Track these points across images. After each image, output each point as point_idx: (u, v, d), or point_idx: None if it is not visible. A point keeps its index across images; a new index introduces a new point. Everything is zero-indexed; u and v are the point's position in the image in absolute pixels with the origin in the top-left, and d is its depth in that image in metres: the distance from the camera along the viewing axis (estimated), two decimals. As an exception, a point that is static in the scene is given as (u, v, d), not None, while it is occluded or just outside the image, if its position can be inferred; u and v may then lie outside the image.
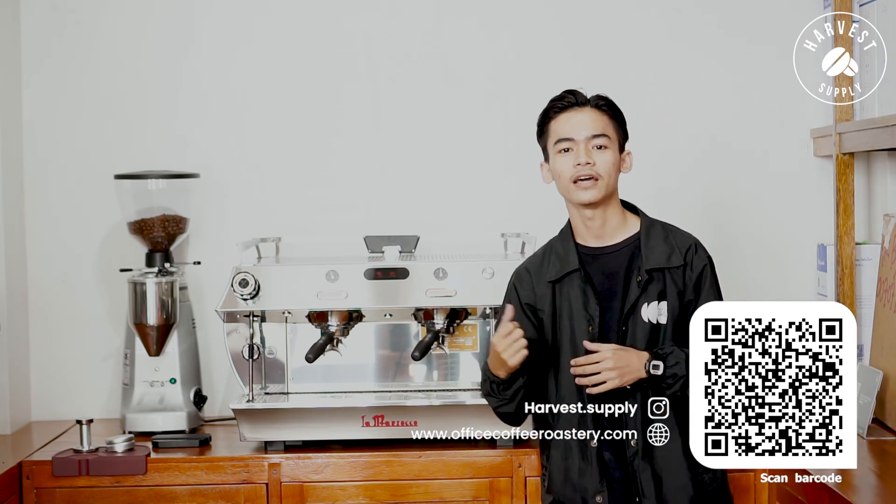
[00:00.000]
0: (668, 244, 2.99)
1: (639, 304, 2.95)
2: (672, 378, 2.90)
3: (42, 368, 3.87)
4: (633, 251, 3.00)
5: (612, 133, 2.99)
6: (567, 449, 2.99)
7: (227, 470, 3.32)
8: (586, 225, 3.02)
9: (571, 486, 2.99)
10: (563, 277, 3.01)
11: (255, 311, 3.44)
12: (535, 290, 3.05)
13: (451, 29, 3.90)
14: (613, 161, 2.98)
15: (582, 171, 2.96)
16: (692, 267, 2.98)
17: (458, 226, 3.89)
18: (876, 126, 3.39)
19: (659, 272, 2.97)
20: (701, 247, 3.02)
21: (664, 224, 3.04)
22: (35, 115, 3.87)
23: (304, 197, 3.90)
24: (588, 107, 3.00)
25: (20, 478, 3.31)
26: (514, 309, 2.94)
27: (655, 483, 2.94)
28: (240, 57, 3.90)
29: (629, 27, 3.89)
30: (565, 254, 3.03)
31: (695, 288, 2.97)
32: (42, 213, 3.87)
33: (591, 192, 2.97)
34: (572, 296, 2.99)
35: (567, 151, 2.99)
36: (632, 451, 2.95)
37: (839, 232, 3.63)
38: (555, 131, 3.01)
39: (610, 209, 3.01)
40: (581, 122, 2.98)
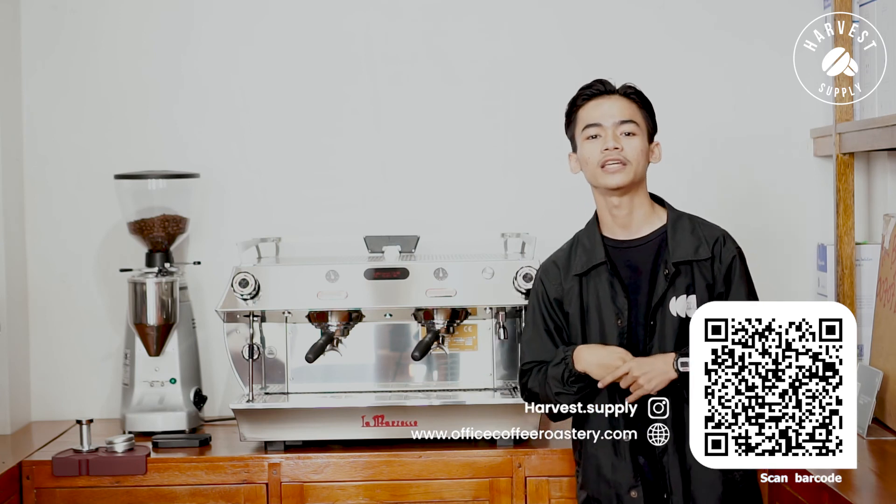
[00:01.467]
0: (695, 236, 2.97)
1: (667, 298, 2.94)
2: None
3: (42, 368, 3.87)
4: (659, 244, 2.98)
5: (640, 121, 2.99)
6: (600, 446, 2.98)
7: (227, 470, 3.32)
8: (613, 214, 3.00)
9: (605, 482, 2.98)
10: (589, 270, 3.00)
11: (255, 311, 3.44)
12: (562, 285, 3.04)
13: (450, 29, 3.90)
14: (642, 148, 2.98)
15: (610, 156, 2.95)
16: (721, 259, 2.96)
17: (458, 226, 3.89)
18: (876, 126, 3.39)
19: (686, 265, 2.95)
20: (730, 238, 3.00)
21: (692, 217, 3.02)
22: (35, 115, 3.87)
23: (304, 197, 3.90)
24: (616, 95, 3.00)
25: (20, 478, 3.31)
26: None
27: (684, 480, 2.93)
28: (240, 57, 3.90)
29: (629, 27, 3.89)
30: (592, 246, 3.02)
31: (725, 280, 2.95)
32: (42, 213, 3.87)
33: (618, 177, 2.95)
34: (600, 289, 2.98)
35: (595, 138, 2.98)
36: (660, 449, 2.94)
37: (839, 232, 3.63)
38: (583, 118, 3.00)
39: (637, 198, 3.00)
40: (609, 109, 2.98)
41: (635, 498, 2.94)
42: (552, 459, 3.32)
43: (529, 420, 3.36)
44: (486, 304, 3.45)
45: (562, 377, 2.97)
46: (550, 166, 3.90)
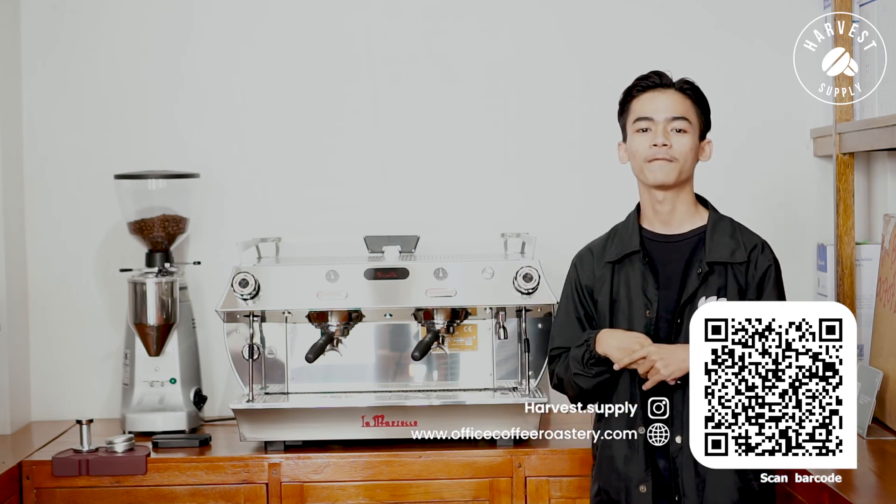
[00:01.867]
0: (733, 240, 2.95)
1: (697, 297, 2.92)
2: None
3: (42, 368, 3.87)
4: (696, 243, 2.97)
5: (693, 118, 2.96)
6: (615, 436, 2.97)
7: (227, 470, 3.32)
8: (655, 209, 2.99)
9: (616, 474, 2.97)
10: (623, 258, 2.98)
11: (255, 311, 3.43)
12: (594, 272, 3.02)
13: (451, 29, 3.90)
14: (691, 146, 2.95)
15: (658, 152, 2.93)
16: (756, 265, 2.94)
17: (458, 226, 3.89)
18: (876, 126, 3.39)
19: (721, 266, 2.93)
20: (768, 247, 2.98)
21: (733, 221, 3.01)
22: (35, 115, 3.87)
23: (304, 197, 3.90)
24: (672, 89, 2.97)
25: (20, 478, 3.31)
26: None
27: (697, 483, 2.90)
28: (240, 57, 3.90)
29: (629, 27, 3.89)
30: (628, 236, 3.00)
31: (757, 287, 2.93)
32: (42, 214, 3.87)
33: (663, 173, 2.93)
34: (631, 278, 2.96)
35: (645, 131, 2.95)
36: (675, 448, 2.92)
37: (839, 232, 3.63)
38: (635, 110, 2.98)
39: (682, 196, 2.98)
40: (662, 104, 2.95)
41: (644, 493, 2.92)
42: (552, 459, 3.32)
43: (529, 420, 3.36)
44: (486, 304, 3.45)
45: (582, 358, 2.96)
46: (550, 166, 3.90)
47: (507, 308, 3.44)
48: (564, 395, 3.76)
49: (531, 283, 3.37)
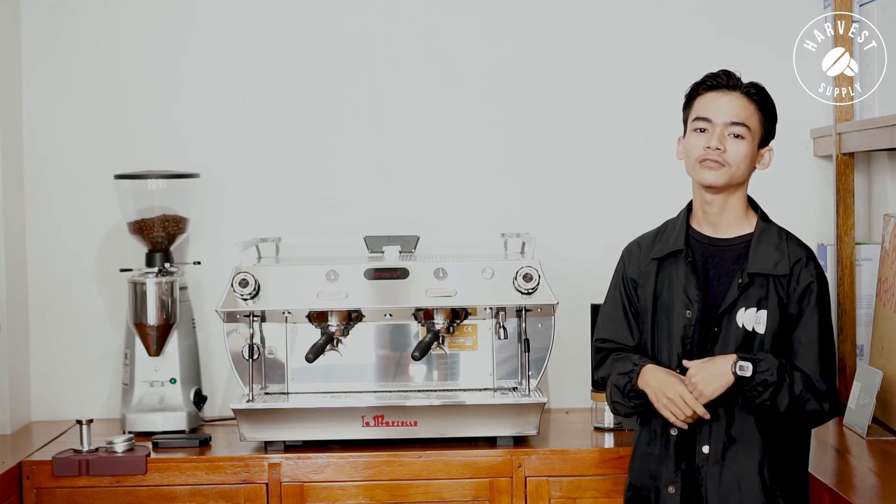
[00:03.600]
0: (779, 251, 2.87)
1: (736, 308, 2.85)
2: (762, 385, 2.76)
3: (42, 368, 3.87)
4: (742, 251, 2.90)
5: (753, 124, 2.89)
6: (652, 435, 2.94)
7: (227, 470, 3.32)
8: (704, 209, 2.93)
9: (648, 472, 2.93)
10: (667, 256, 2.94)
11: (255, 311, 3.43)
12: (640, 267, 2.99)
13: (451, 29, 3.90)
14: (746, 153, 2.88)
15: (710, 155, 2.86)
16: (798, 280, 2.85)
17: (458, 226, 3.89)
18: (876, 126, 3.39)
19: (762, 278, 2.85)
20: (813, 260, 2.89)
21: (781, 230, 2.93)
22: (35, 114, 3.87)
23: (304, 197, 3.90)
24: (737, 92, 2.91)
25: (20, 478, 3.31)
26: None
27: (721, 495, 2.84)
28: (240, 57, 3.90)
29: (629, 27, 3.89)
30: (675, 234, 2.96)
31: (798, 302, 2.85)
32: (42, 213, 3.87)
33: (713, 175, 2.87)
34: (674, 276, 2.92)
35: (703, 132, 2.89)
36: (701, 458, 2.86)
37: (839, 232, 3.63)
38: (697, 108, 2.92)
39: (732, 200, 2.91)
40: (724, 106, 2.89)
41: (672, 494, 2.87)
42: (552, 459, 3.32)
43: (529, 420, 3.36)
44: (486, 304, 3.45)
45: (623, 389, 2.92)
46: (551, 166, 3.90)
47: (507, 308, 3.44)
48: (566, 395, 3.78)
49: (531, 283, 3.37)
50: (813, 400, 2.81)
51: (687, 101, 2.97)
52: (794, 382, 2.79)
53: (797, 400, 2.79)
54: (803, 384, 2.80)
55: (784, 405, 2.78)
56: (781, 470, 2.85)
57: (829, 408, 2.83)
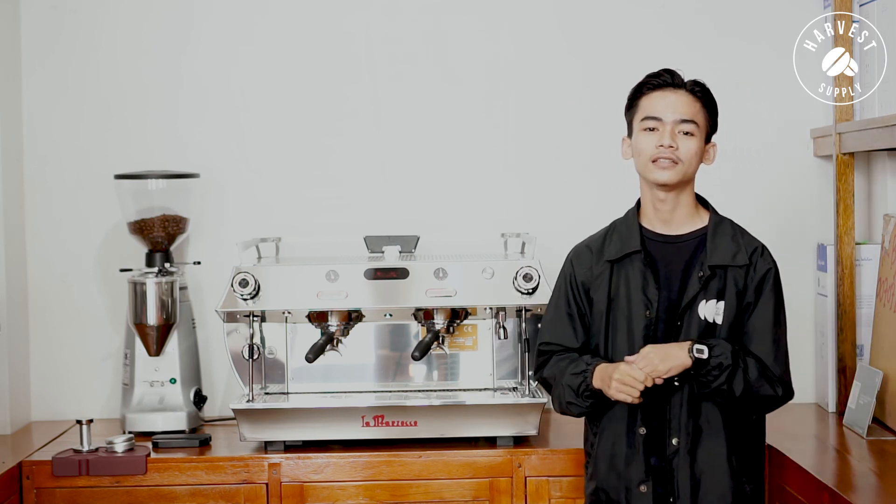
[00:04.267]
0: (735, 242, 2.93)
1: (697, 301, 2.90)
2: (717, 369, 2.82)
3: (42, 368, 3.87)
4: (697, 245, 2.95)
5: (700, 121, 2.94)
6: (616, 436, 2.95)
7: (227, 470, 3.32)
8: (656, 207, 2.97)
9: (616, 474, 2.95)
10: (622, 258, 2.96)
11: (255, 311, 3.43)
12: (592, 269, 3.00)
13: (451, 29, 3.90)
14: (696, 149, 2.93)
15: (663, 153, 2.90)
16: (756, 268, 2.92)
17: (458, 226, 3.89)
18: (876, 126, 3.39)
19: (721, 270, 2.91)
20: (767, 251, 2.96)
21: (733, 223, 2.99)
22: (35, 115, 3.87)
23: (304, 197, 3.90)
24: (683, 90, 2.95)
25: (20, 478, 3.31)
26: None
27: (693, 485, 2.89)
28: (240, 57, 3.90)
29: (629, 27, 3.89)
30: (628, 234, 2.98)
31: (755, 291, 2.91)
32: (42, 213, 3.87)
33: (667, 173, 2.91)
34: (631, 277, 2.94)
35: (652, 131, 2.93)
36: (671, 450, 2.90)
37: (839, 232, 3.63)
38: (644, 108, 2.95)
39: (683, 196, 2.96)
40: (672, 104, 2.93)
41: (644, 493, 2.91)
42: (552, 459, 3.32)
43: (529, 420, 3.36)
44: (486, 304, 3.45)
45: (577, 388, 2.94)
46: (551, 166, 3.90)
47: (507, 308, 3.44)
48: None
49: (531, 283, 3.37)
50: (767, 385, 2.88)
51: (630, 103, 3.00)
52: (748, 368, 2.86)
53: (752, 385, 2.86)
54: (758, 370, 2.87)
55: (739, 389, 2.85)
56: (745, 455, 2.93)
57: (783, 393, 2.92)
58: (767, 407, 2.94)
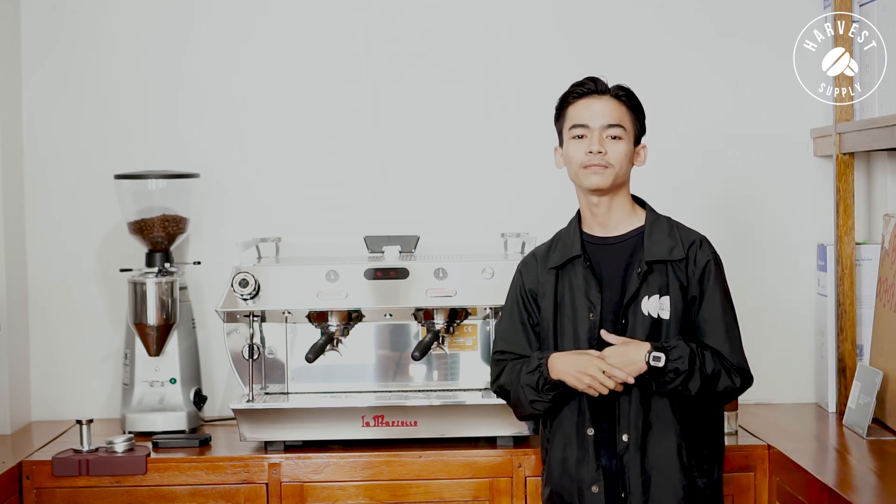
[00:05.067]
0: (671, 238, 2.97)
1: (639, 297, 2.94)
2: (674, 373, 2.87)
3: (42, 368, 3.87)
4: (636, 243, 2.99)
5: (628, 124, 2.99)
6: (566, 439, 2.99)
7: (227, 470, 3.32)
8: (592, 212, 3.02)
9: (569, 476, 2.98)
10: (565, 263, 3.01)
11: (255, 311, 3.43)
12: (538, 277, 3.05)
13: (451, 29, 3.90)
14: (626, 152, 2.98)
15: (593, 160, 2.95)
16: (695, 262, 2.96)
17: (458, 226, 3.89)
18: (876, 126, 3.39)
19: (661, 265, 2.95)
20: (707, 243, 3.00)
21: (670, 220, 3.03)
22: (35, 114, 3.87)
23: (304, 197, 3.90)
24: (607, 96, 2.99)
25: (20, 478, 3.31)
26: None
27: (643, 481, 2.92)
28: (240, 57, 3.90)
29: (629, 27, 3.89)
30: (570, 241, 3.03)
31: (699, 283, 2.95)
32: (42, 213, 3.87)
33: (598, 178, 2.96)
34: (574, 282, 2.99)
35: (581, 138, 2.98)
36: (622, 447, 2.93)
37: (839, 232, 3.63)
38: (571, 117, 3.00)
39: (617, 199, 3.00)
40: (598, 111, 2.97)
41: (596, 493, 2.94)
42: (552, 459, 3.32)
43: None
44: (486, 304, 3.44)
45: (536, 385, 2.98)
46: (550, 166, 3.87)
47: (507, 308, 3.44)
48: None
49: (531, 283, 3.37)
50: (725, 377, 2.91)
51: (558, 113, 3.05)
52: (704, 364, 2.88)
53: (709, 380, 2.89)
54: (714, 362, 2.90)
55: (695, 389, 2.88)
56: (698, 450, 2.95)
57: (741, 382, 2.95)
58: (727, 398, 2.98)
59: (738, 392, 2.97)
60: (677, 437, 2.92)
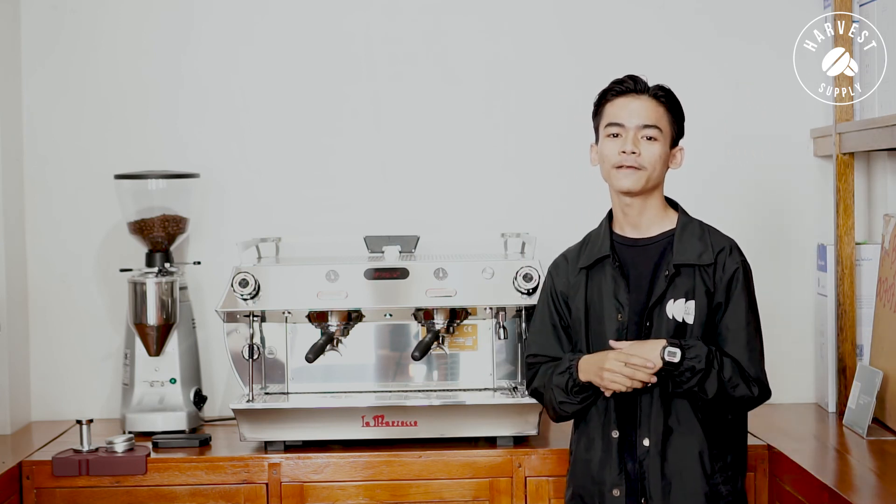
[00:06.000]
0: (701, 242, 2.93)
1: (665, 300, 2.90)
2: (690, 371, 2.82)
3: (42, 368, 3.87)
4: (665, 246, 2.95)
5: (664, 126, 2.94)
6: (591, 441, 2.96)
7: (227, 470, 3.32)
8: (624, 212, 2.98)
9: (591, 478, 2.95)
10: (594, 264, 2.98)
11: (255, 311, 3.43)
12: (569, 279, 3.02)
13: (451, 29, 3.90)
14: (660, 154, 2.93)
15: (626, 160, 2.91)
16: (724, 268, 2.91)
17: (458, 226, 3.89)
18: (876, 126, 3.39)
19: (688, 269, 2.91)
20: (737, 249, 2.96)
21: (703, 223, 2.99)
22: (35, 115, 3.87)
23: (304, 197, 3.90)
24: (646, 95, 2.95)
25: (20, 478, 3.31)
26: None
27: (664, 486, 2.88)
28: (240, 57, 3.90)
29: (629, 27, 3.89)
30: (600, 241, 3.00)
31: (725, 290, 2.91)
32: (42, 213, 3.87)
33: (630, 180, 2.92)
34: (603, 283, 2.95)
35: (616, 137, 2.93)
36: (643, 451, 2.90)
37: (839, 232, 3.63)
38: (608, 114, 2.96)
39: (650, 201, 2.96)
40: (635, 110, 2.93)
41: (617, 496, 2.90)
42: (552, 459, 3.32)
43: (529, 420, 3.35)
44: (486, 304, 3.45)
45: (566, 386, 2.94)
46: (551, 166, 3.91)
47: (507, 308, 3.44)
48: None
49: (531, 283, 3.37)
50: (742, 385, 2.87)
51: (596, 109, 3.01)
52: (723, 368, 2.85)
53: (726, 386, 2.84)
54: (732, 370, 2.86)
55: (712, 391, 2.84)
56: (721, 456, 2.91)
57: (759, 393, 2.90)
58: (744, 407, 2.93)
59: (756, 403, 2.91)
60: (699, 442, 2.88)
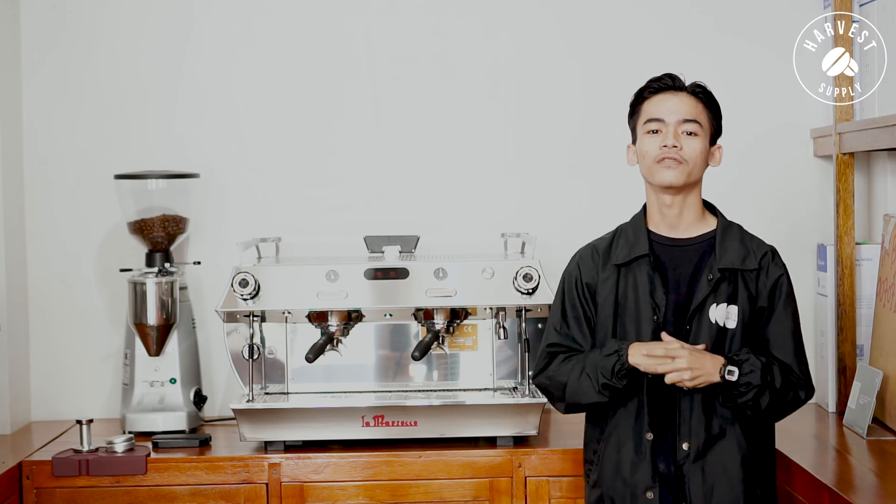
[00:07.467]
0: (744, 246, 2.91)
1: (707, 304, 2.87)
2: (746, 386, 2.80)
3: (42, 368, 3.87)
4: (706, 248, 2.92)
5: (704, 121, 2.92)
6: (621, 441, 2.92)
7: (227, 470, 3.32)
8: (663, 212, 2.94)
9: (622, 480, 2.91)
10: (630, 262, 2.93)
11: (255, 311, 3.43)
12: (598, 273, 2.97)
13: (451, 28, 3.90)
14: (701, 149, 2.91)
15: (668, 153, 2.88)
16: (767, 273, 2.90)
17: (458, 226, 3.89)
18: (876, 126, 3.39)
19: (732, 273, 2.88)
20: (778, 255, 2.95)
21: (742, 227, 2.97)
22: (35, 115, 3.87)
23: (304, 197, 3.90)
24: (684, 92, 2.93)
25: (20, 478, 3.31)
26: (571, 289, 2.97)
27: (705, 491, 2.85)
28: (240, 57, 3.90)
29: (629, 28, 3.89)
30: (636, 239, 2.95)
31: (769, 296, 2.89)
32: (42, 213, 3.87)
33: (672, 173, 2.88)
34: (639, 281, 2.91)
35: (656, 133, 2.91)
36: (682, 455, 2.86)
37: (839, 232, 3.63)
38: (646, 111, 2.93)
39: (689, 199, 2.94)
40: (674, 106, 2.91)
41: (651, 499, 2.87)
42: (552, 459, 3.32)
43: (529, 420, 3.36)
44: (486, 304, 3.45)
45: (612, 369, 2.85)
46: (551, 166, 3.91)
47: (507, 308, 3.44)
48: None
49: (531, 283, 3.37)
50: (792, 390, 2.88)
51: (633, 109, 2.99)
52: (774, 378, 2.84)
53: (778, 394, 2.85)
54: (783, 378, 2.86)
55: (766, 404, 2.84)
56: (759, 459, 2.91)
57: (805, 395, 2.92)
58: (792, 410, 2.92)
59: (802, 404, 2.91)
60: (740, 446, 2.87)
